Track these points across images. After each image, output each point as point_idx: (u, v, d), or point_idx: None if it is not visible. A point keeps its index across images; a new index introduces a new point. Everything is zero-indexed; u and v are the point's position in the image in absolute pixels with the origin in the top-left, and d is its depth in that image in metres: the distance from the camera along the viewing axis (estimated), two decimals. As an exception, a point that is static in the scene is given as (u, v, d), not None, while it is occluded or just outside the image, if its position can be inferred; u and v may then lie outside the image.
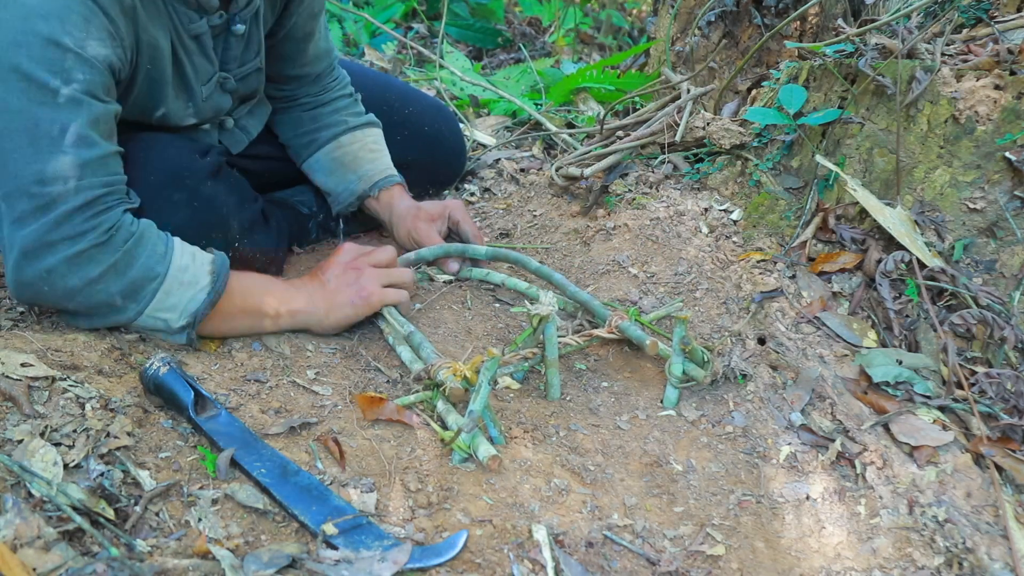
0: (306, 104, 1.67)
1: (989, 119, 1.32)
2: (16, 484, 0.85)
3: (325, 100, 1.68)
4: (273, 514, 0.94)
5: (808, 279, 1.40)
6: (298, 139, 1.68)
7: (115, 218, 1.11)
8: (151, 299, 1.14)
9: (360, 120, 1.68)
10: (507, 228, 1.79)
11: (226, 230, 1.36)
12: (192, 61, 1.32)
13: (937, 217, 1.36)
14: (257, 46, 1.44)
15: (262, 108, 1.63)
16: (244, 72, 1.44)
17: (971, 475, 1.08)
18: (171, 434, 1.03)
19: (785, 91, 1.51)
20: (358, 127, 1.67)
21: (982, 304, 1.27)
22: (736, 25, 2.13)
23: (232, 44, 1.38)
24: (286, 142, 1.70)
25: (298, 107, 1.67)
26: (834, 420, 1.19)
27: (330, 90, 1.69)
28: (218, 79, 1.39)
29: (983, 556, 0.98)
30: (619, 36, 3.83)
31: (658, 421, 1.22)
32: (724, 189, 1.63)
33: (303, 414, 1.13)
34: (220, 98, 1.43)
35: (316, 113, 1.67)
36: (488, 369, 1.07)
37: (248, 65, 1.44)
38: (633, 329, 1.28)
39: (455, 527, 0.96)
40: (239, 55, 1.41)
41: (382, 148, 1.70)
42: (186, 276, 1.15)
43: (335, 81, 1.70)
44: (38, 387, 1.00)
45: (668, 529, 1.03)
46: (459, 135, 1.95)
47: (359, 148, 1.66)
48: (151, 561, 0.81)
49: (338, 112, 1.67)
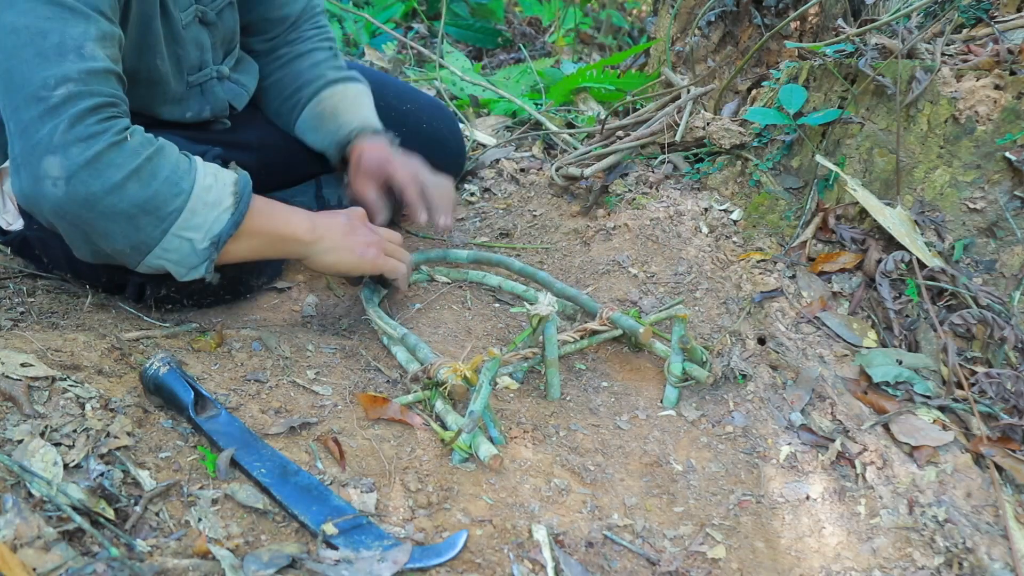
0: (284, 57, 1.61)
1: (989, 119, 1.32)
2: (16, 484, 0.85)
3: (303, 51, 1.61)
4: (273, 514, 0.94)
5: (808, 279, 1.40)
6: (284, 104, 1.62)
7: (125, 124, 1.08)
8: (177, 217, 1.09)
9: (340, 74, 1.62)
10: (507, 228, 1.79)
11: None
12: None
13: (937, 217, 1.36)
14: None
15: (249, 64, 1.61)
16: (219, 6, 1.42)
17: (971, 475, 1.08)
18: (171, 434, 1.03)
19: (785, 91, 1.51)
20: (338, 81, 1.60)
21: (982, 304, 1.27)
22: (736, 25, 2.13)
23: None
24: (275, 114, 1.64)
25: (278, 66, 1.62)
26: (834, 420, 1.19)
27: (308, 39, 1.63)
28: (196, 11, 1.37)
29: (983, 556, 0.98)
30: (619, 36, 3.83)
31: (658, 421, 1.22)
32: (724, 189, 1.63)
33: (303, 414, 1.13)
34: (200, 33, 1.40)
35: (296, 70, 1.61)
36: (488, 369, 1.07)
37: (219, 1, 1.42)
38: (624, 320, 1.28)
39: (455, 527, 0.96)
40: None
41: (365, 103, 1.61)
42: (210, 196, 1.12)
43: (316, 30, 1.64)
44: (38, 387, 1.00)
45: (668, 529, 1.03)
46: (458, 134, 1.95)
47: (339, 100, 1.59)
48: (151, 561, 0.81)
49: (317, 66, 1.61)
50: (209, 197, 1.12)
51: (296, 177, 1.77)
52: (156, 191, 1.07)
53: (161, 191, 1.08)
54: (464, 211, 1.92)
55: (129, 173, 1.05)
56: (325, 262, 1.30)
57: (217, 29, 1.44)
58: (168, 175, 1.08)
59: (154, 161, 1.08)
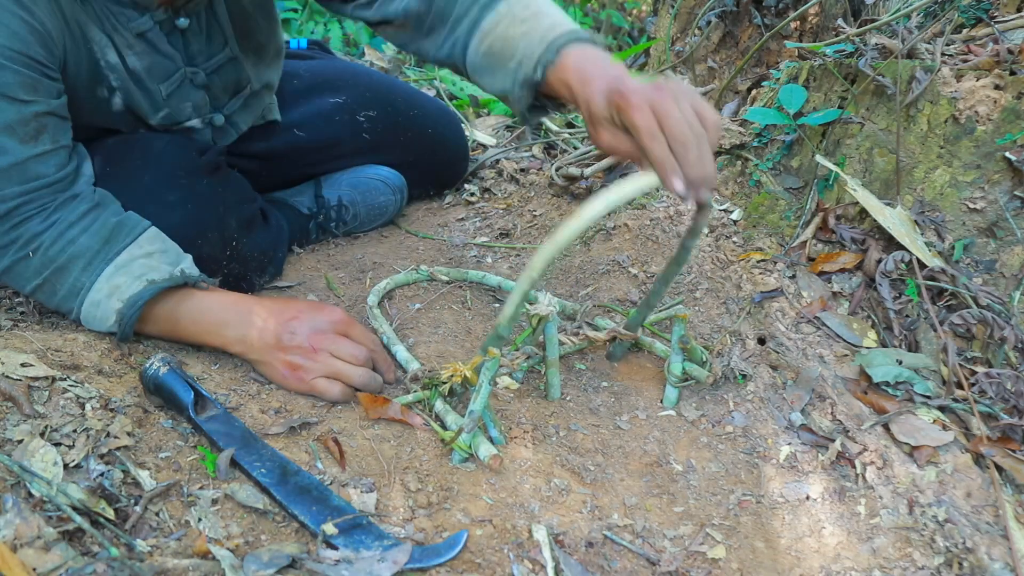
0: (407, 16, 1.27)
1: (989, 119, 1.32)
2: (16, 484, 0.85)
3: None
4: (273, 514, 0.94)
5: (808, 279, 1.40)
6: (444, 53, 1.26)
7: (32, 231, 1.13)
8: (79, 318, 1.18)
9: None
10: (507, 228, 1.79)
11: (223, 228, 1.36)
12: (141, 60, 1.28)
13: (937, 217, 1.36)
14: (222, 37, 1.39)
15: (257, 100, 1.57)
16: (213, 65, 1.39)
17: (971, 475, 1.08)
18: (171, 434, 1.03)
19: (785, 91, 1.51)
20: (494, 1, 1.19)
21: (982, 304, 1.27)
22: (736, 25, 2.13)
23: (189, 39, 1.33)
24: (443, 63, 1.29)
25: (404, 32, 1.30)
26: (834, 420, 1.19)
27: None
28: (184, 75, 1.35)
29: (983, 556, 0.98)
30: (619, 36, 3.83)
31: (658, 421, 1.22)
32: (724, 189, 1.63)
33: (303, 414, 1.13)
34: (191, 93, 1.38)
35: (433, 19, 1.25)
36: (488, 369, 1.06)
37: (217, 58, 1.39)
38: None
39: (455, 527, 0.96)
40: (203, 48, 1.36)
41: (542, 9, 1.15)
42: (98, 311, 1.16)
43: None
44: (38, 387, 1.00)
45: (668, 529, 1.03)
46: (462, 139, 1.96)
47: (507, 26, 1.15)
48: (151, 561, 0.81)
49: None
50: (97, 312, 1.16)
51: (297, 178, 1.78)
52: (58, 304, 1.18)
53: (62, 305, 1.18)
54: (464, 211, 1.92)
55: (35, 287, 1.16)
56: (257, 370, 1.21)
57: (214, 84, 1.42)
58: (65, 294, 1.16)
59: (52, 282, 1.16)
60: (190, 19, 1.32)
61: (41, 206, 1.13)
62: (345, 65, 1.90)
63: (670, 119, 0.94)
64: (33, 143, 1.12)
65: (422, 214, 1.94)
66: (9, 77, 1.07)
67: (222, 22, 1.38)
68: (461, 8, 1.21)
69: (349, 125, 1.75)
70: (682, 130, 0.94)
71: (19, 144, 1.10)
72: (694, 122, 0.94)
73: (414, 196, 1.93)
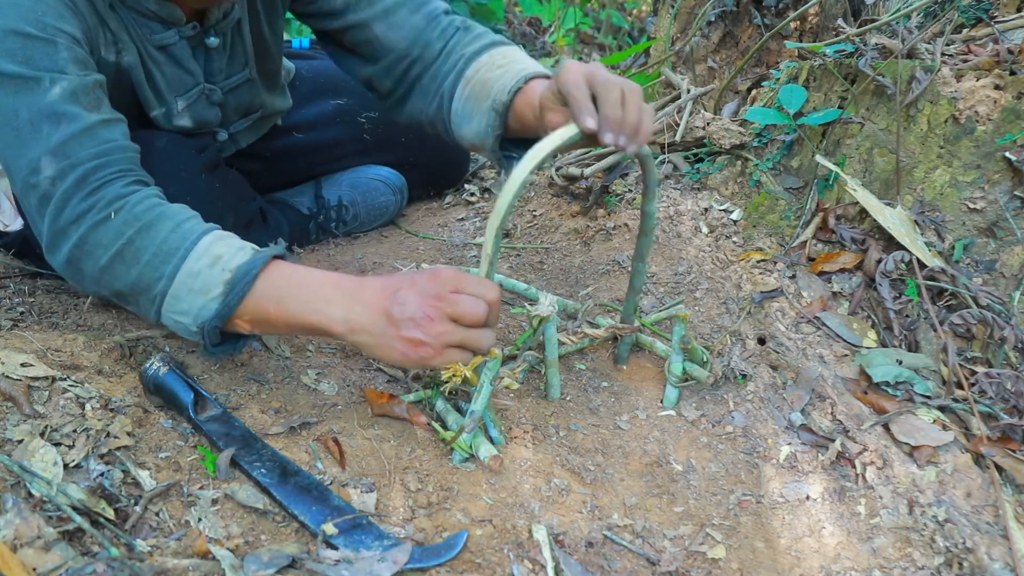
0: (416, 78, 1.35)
1: (989, 119, 1.32)
2: (16, 484, 0.85)
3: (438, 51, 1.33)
4: (273, 514, 0.94)
5: (808, 279, 1.40)
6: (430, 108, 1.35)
7: (113, 193, 1.03)
8: (163, 300, 1.03)
9: (480, 44, 1.31)
10: (507, 228, 1.79)
11: (221, 226, 1.36)
12: (162, 71, 1.29)
13: (937, 217, 1.36)
14: (243, 58, 1.41)
15: (264, 124, 1.59)
16: (231, 84, 1.41)
17: (971, 475, 1.08)
18: (171, 434, 1.03)
19: (785, 91, 1.51)
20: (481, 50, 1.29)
21: (982, 304, 1.27)
22: (736, 25, 2.13)
23: (213, 56, 1.35)
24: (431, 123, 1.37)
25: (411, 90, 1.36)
26: (834, 420, 1.19)
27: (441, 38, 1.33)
28: (202, 90, 1.36)
29: (983, 556, 0.98)
30: (619, 36, 3.83)
31: (658, 421, 1.22)
32: (724, 189, 1.63)
33: (303, 414, 1.13)
34: (205, 110, 1.39)
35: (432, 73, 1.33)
36: (489, 369, 1.06)
37: (235, 77, 1.41)
38: None
39: (455, 527, 0.96)
40: (223, 67, 1.38)
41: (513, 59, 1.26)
42: (196, 283, 1.02)
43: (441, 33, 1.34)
44: (38, 387, 1.00)
45: (668, 529, 1.03)
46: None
47: (486, 71, 1.25)
48: (151, 561, 0.81)
49: (452, 53, 1.32)
50: (195, 284, 1.02)
51: (298, 178, 1.78)
52: (139, 274, 1.03)
53: (144, 275, 1.02)
54: (464, 211, 1.92)
55: (114, 255, 1.02)
56: (369, 354, 1.07)
57: (229, 105, 1.44)
58: (150, 258, 1.02)
59: (136, 243, 1.02)
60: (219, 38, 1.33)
61: (120, 172, 1.06)
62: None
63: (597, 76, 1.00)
64: (97, 111, 1.08)
65: (422, 214, 1.94)
66: (64, 53, 1.07)
67: (246, 43, 1.40)
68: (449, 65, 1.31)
69: (350, 127, 1.75)
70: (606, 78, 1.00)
71: (85, 111, 1.06)
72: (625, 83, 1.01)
73: (414, 196, 1.93)
